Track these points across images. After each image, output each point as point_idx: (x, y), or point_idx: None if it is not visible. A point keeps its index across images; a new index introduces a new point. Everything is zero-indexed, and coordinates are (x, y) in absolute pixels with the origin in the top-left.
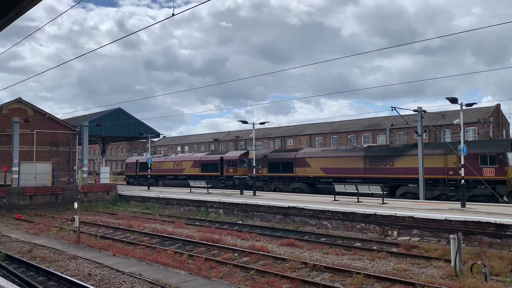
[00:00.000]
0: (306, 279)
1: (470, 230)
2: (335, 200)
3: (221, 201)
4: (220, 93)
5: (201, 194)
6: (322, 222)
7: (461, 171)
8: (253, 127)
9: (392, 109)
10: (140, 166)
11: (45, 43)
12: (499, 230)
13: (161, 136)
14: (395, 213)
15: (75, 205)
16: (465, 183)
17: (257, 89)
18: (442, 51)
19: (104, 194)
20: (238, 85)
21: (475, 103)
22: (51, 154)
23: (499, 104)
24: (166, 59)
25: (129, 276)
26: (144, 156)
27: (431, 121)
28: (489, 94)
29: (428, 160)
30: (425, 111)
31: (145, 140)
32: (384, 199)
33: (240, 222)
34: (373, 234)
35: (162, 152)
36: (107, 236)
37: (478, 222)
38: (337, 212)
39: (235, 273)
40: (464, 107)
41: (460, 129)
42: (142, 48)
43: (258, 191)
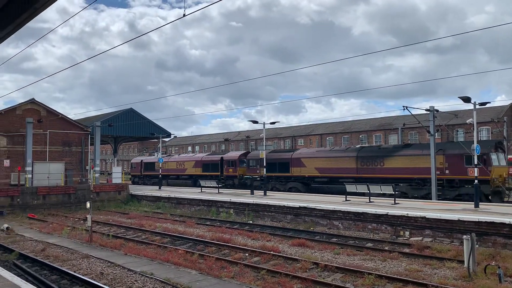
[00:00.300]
0: (318, 280)
1: (484, 231)
2: (346, 200)
3: (232, 201)
4: (231, 93)
5: (212, 194)
6: (333, 222)
7: (475, 171)
8: (264, 127)
9: (404, 109)
10: (145, 166)
11: (58, 44)
12: None
13: (172, 136)
14: (407, 214)
15: (87, 205)
16: (450, 183)
17: (268, 89)
18: (455, 50)
19: (116, 194)
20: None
21: (489, 102)
22: (64, 154)
23: None
24: (177, 60)
25: (141, 275)
26: (156, 156)
27: (444, 121)
28: (503, 93)
29: (416, 161)
30: (438, 111)
31: (157, 140)
32: (396, 199)
33: (251, 222)
34: (385, 235)
35: (173, 152)
36: (119, 236)
37: (492, 223)
38: (349, 212)
39: (246, 273)
40: (477, 106)
41: (473, 129)
42: (153, 49)
43: (257, 190)
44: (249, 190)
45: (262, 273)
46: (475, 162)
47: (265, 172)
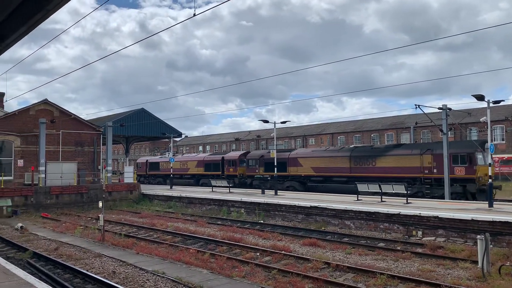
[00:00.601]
0: (329, 279)
1: (498, 231)
2: (358, 200)
3: (243, 201)
4: (241, 93)
5: (223, 194)
6: (345, 222)
7: (489, 170)
8: (274, 126)
9: (416, 107)
10: (150, 166)
11: (70, 45)
12: None
13: (183, 136)
14: (420, 213)
15: (100, 204)
16: (438, 181)
17: (278, 88)
18: (468, 47)
19: (128, 193)
20: (259, 85)
21: (503, 100)
22: (76, 154)
23: None
24: (187, 60)
25: (153, 275)
26: (167, 156)
27: (457, 119)
28: None
29: (406, 160)
30: (450, 109)
31: (168, 140)
32: (409, 199)
33: (262, 222)
34: (397, 234)
35: (184, 152)
36: (131, 235)
37: (507, 222)
38: (360, 212)
39: (257, 273)
40: (491, 104)
41: (487, 127)
42: (164, 49)
43: (256, 189)
44: (260, 190)
45: (273, 273)
46: (490, 161)
47: (276, 172)
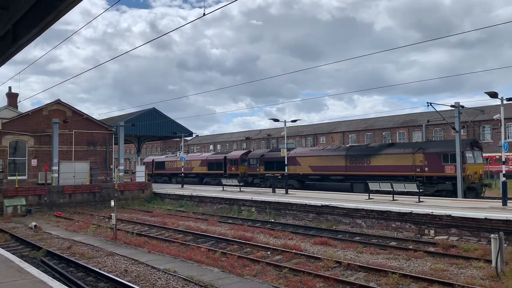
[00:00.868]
0: (340, 278)
1: None
2: (370, 199)
3: (253, 199)
4: (251, 92)
5: (233, 193)
6: (356, 221)
7: (503, 167)
8: (285, 125)
9: (428, 105)
10: (156, 165)
11: (82, 46)
12: None
13: (194, 135)
14: (432, 212)
15: (112, 203)
16: (430, 179)
17: (289, 87)
18: (481, 44)
19: (140, 192)
20: (270, 83)
21: None
22: (89, 154)
23: None
24: (198, 59)
25: (164, 273)
26: (178, 155)
27: (470, 117)
28: None
29: (399, 159)
30: (463, 107)
31: (179, 139)
32: (421, 198)
33: (273, 221)
34: (409, 233)
35: (195, 151)
36: (143, 233)
37: None
38: (372, 211)
39: (268, 272)
40: (505, 102)
41: (501, 125)
42: (174, 49)
43: (257, 188)
44: (270, 188)
45: (284, 272)
46: (503, 160)
47: (286, 170)
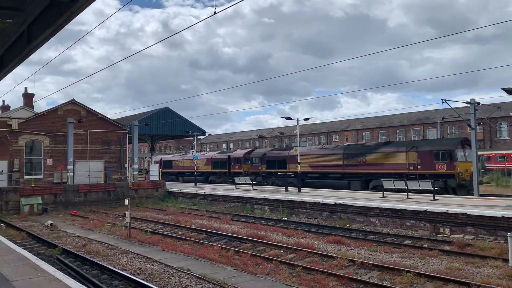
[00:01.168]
0: (354, 277)
1: None
2: (384, 197)
3: (266, 198)
4: (264, 90)
5: (246, 191)
6: (370, 219)
7: None
8: (297, 123)
9: (443, 102)
10: (164, 164)
11: (95, 46)
12: None
13: (207, 134)
14: (447, 210)
15: (126, 202)
16: (422, 177)
17: (301, 85)
18: (497, 39)
19: (154, 191)
20: (282, 81)
21: None
22: (103, 153)
23: None
24: (210, 58)
25: (178, 271)
26: (191, 154)
27: (485, 114)
28: None
29: (393, 157)
30: (479, 103)
31: (192, 138)
32: (435, 196)
33: (286, 219)
34: (424, 232)
35: (208, 150)
36: (157, 232)
37: None
38: (386, 209)
39: (281, 270)
40: None
41: None
42: (187, 48)
43: (258, 186)
44: (284, 187)
45: (298, 270)
46: None
47: (299, 169)
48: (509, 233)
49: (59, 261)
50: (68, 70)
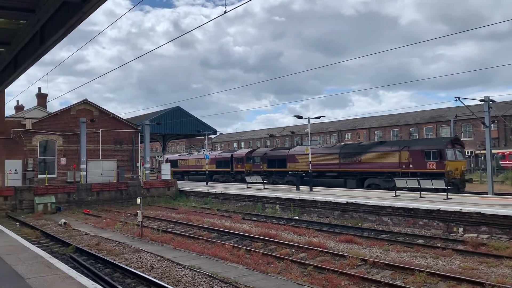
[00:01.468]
0: (366, 276)
1: None
2: (396, 196)
3: (277, 197)
4: (275, 89)
5: (257, 190)
6: (382, 218)
7: None
8: (308, 122)
9: (456, 100)
10: (170, 164)
11: (107, 46)
12: None
13: (218, 133)
14: (461, 209)
15: (138, 201)
16: (414, 176)
17: (312, 83)
18: None
19: (165, 190)
20: (293, 80)
21: None
22: (116, 152)
23: None
24: (221, 57)
25: (189, 270)
26: (196, 154)
27: (500, 111)
28: None
29: (386, 156)
30: (493, 101)
31: (203, 137)
32: (449, 194)
33: (297, 218)
34: (437, 231)
35: (220, 149)
36: (168, 230)
37: None
38: (398, 208)
39: (293, 269)
40: None
41: None
42: (198, 47)
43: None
44: (295, 186)
45: (309, 269)
46: None
47: (310, 168)
48: None
49: (73, 259)
50: (81, 70)
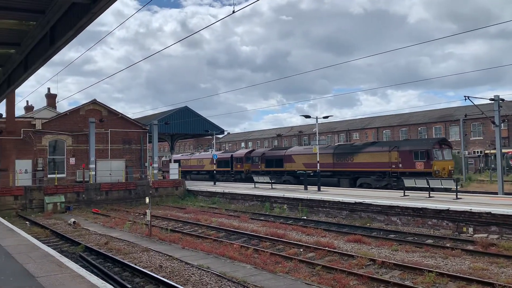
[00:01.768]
0: (375, 276)
1: None
2: (405, 196)
3: (285, 196)
4: (282, 88)
5: (265, 190)
6: (391, 218)
7: None
8: (316, 121)
9: (466, 99)
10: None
11: (115, 47)
12: None
13: (226, 133)
14: (470, 209)
15: (147, 200)
16: (403, 175)
17: (320, 83)
18: None
19: (173, 189)
20: (301, 79)
21: None
22: (124, 152)
23: None
24: (228, 57)
25: (198, 269)
26: (210, 152)
27: (510, 110)
28: None
29: (377, 156)
30: (503, 100)
31: (211, 137)
32: (458, 194)
33: (305, 218)
34: (446, 231)
35: (228, 148)
36: (177, 230)
37: None
38: (407, 208)
39: (301, 269)
40: None
41: None
42: (205, 47)
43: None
44: (303, 186)
45: (317, 269)
46: None
47: (318, 168)
48: None
49: (82, 258)
50: (89, 71)
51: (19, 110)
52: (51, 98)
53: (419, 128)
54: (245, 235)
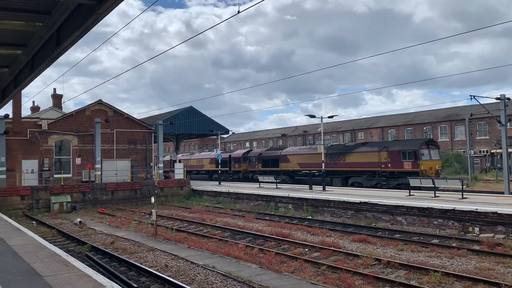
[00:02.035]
0: (380, 276)
1: None
2: (410, 195)
3: (290, 196)
4: (287, 88)
5: (270, 189)
6: (396, 218)
7: None
8: (321, 121)
9: (471, 98)
10: (172, 164)
11: (121, 47)
12: None
13: (230, 133)
14: (476, 209)
15: (152, 200)
16: (392, 174)
17: (325, 82)
18: None
19: (179, 189)
20: (305, 79)
21: None
22: (130, 152)
23: None
24: (233, 57)
25: (203, 268)
26: (209, 153)
27: None
28: None
29: (367, 156)
30: (509, 99)
31: (216, 137)
32: (464, 194)
33: (310, 217)
34: (452, 231)
35: (232, 148)
36: (182, 229)
37: None
38: (413, 208)
39: (306, 268)
40: None
41: None
42: (209, 47)
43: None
44: (301, 185)
45: (323, 269)
46: None
47: (323, 167)
48: None
49: (88, 258)
50: (94, 71)
51: (26, 111)
52: (57, 99)
53: (425, 128)
54: (250, 235)
